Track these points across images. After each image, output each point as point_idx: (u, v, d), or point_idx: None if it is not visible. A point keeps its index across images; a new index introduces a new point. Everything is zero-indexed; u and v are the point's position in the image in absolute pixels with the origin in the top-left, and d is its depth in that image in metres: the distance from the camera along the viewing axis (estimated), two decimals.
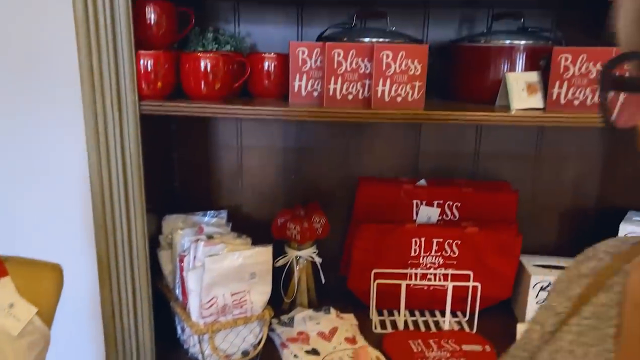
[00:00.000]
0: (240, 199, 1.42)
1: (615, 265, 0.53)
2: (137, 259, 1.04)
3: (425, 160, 1.41)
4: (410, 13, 1.29)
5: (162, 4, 1.03)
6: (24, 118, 1.32)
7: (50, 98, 1.30)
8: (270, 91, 1.11)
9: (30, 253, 0.85)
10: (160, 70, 1.00)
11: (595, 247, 0.57)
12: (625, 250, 0.54)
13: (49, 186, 1.37)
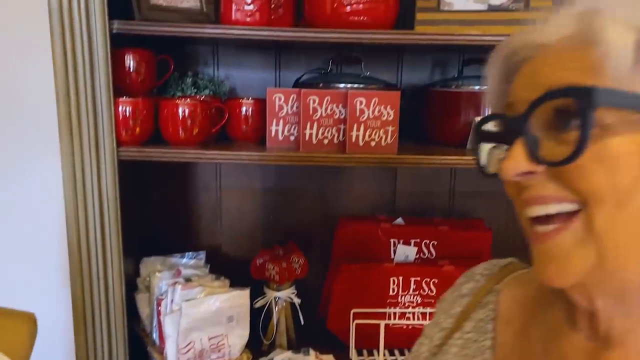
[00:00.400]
0: (219, 239, 1.43)
1: (489, 285, 0.62)
2: (113, 304, 1.04)
3: (402, 199, 1.43)
4: (384, 58, 1.34)
5: (141, 52, 1.06)
6: (1, 163, 1.32)
7: (28, 143, 1.31)
8: (248, 135, 1.14)
9: (5, 299, 0.85)
10: (139, 117, 1.02)
11: (472, 270, 0.66)
12: (496, 272, 0.64)
13: (26, 231, 1.36)
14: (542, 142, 0.45)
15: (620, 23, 0.42)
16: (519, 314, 0.58)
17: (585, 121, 0.41)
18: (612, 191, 0.42)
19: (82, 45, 0.92)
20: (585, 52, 0.43)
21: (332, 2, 1.04)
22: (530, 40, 0.47)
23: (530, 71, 0.47)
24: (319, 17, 1.07)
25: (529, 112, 0.44)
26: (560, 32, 0.45)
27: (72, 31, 0.92)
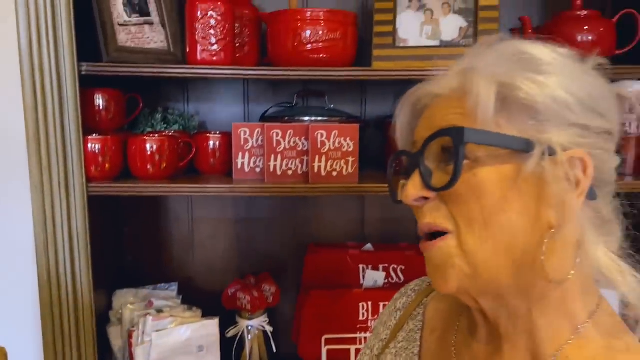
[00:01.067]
0: (191, 270, 1.45)
1: (418, 299, 0.72)
2: (84, 338, 1.05)
3: (370, 226, 1.48)
4: (349, 92, 1.40)
5: (110, 92, 1.10)
6: None
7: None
8: (215, 168, 1.18)
9: None
10: (108, 154, 1.05)
11: (406, 287, 0.76)
12: (424, 287, 0.73)
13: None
14: (434, 173, 0.54)
15: (485, 78, 0.52)
16: (441, 323, 0.68)
17: (458, 154, 0.50)
18: (479, 214, 0.51)
19: (52, 85, 0.96)
20: (463, 101, 0.53)
21: (293, 41, 1.10)
22: (429, 91, 0.57)
23: (428, 115, 0.57)
24: (281, 55, 1.13)
25: (423, 148, 0.54)
26: (450, 85, 0.55)
27: (41, 72, 0.96)
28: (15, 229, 1.33)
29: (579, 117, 0.52)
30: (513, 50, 0.54)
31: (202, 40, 1.07)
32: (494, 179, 0.51)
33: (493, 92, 0.51)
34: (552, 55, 0.53)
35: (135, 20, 1.09)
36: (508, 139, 0.51)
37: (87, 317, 1.05)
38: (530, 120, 0.51)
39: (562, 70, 0.52)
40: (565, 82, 0.51)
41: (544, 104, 0.51)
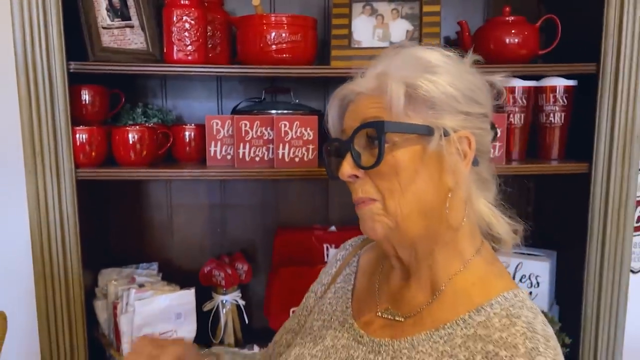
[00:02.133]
0: (170, 252, 1.58)
1: (354, 251, 0.93)
2: (74, 310, 1.18)
3: (334, 210, 1.63)
4: (312, 87, 1.55)
5: (95, 88, 1.23)
6: None
7: None
8: (191, 156, 1.31)
9: None
10: (94, 142, 1.18)
11: (345, 243, 0.97)
12: (359, 243, 0.95)
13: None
14: (362, 155, 0.71)
15: (396, 81, 0.68)
16: (369, 268, 0.88)
17: (380, 141, 0.68)
18: (398, 185, 0.69)
19: (44, 82, 1.09)
20: (381, 98, 0.69)
21: (259, 42, 1.24)
22: (352, 89, 0.74)
23: (354, 109, 0.73)
24: (249, 54, 1.27)
25: (353, 136, 0.71)
26: (368, 85, 0.72)
27: (34, 69, 1.08)
28: (11, 210, 1.45)
29: (463, 106, 0.70)
30: (413, 56, 0.72)
31: (177, 41, 1.20)
32: (407, 158, 0.69)
33: (402, 91, 0.68)
34: (441, 58, 0.71)
35: (117, 24, 1.22)
36: (415, 127, 0.69)
37: (76, 290, 1.17)
38: (430, 110, 0.69)
39: (449, 70, 0.70)
40: (452, 80, 0.69)
41: (438, 98, 0.68)
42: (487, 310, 0.70)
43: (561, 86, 1.29)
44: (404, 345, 0.73)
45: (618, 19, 1.19)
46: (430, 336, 0.71)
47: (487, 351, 0.65)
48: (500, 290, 0.71)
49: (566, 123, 1.31)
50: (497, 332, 0.67)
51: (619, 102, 1.22)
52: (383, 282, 0.83)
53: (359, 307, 0.83)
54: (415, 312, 0.75)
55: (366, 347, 0.76)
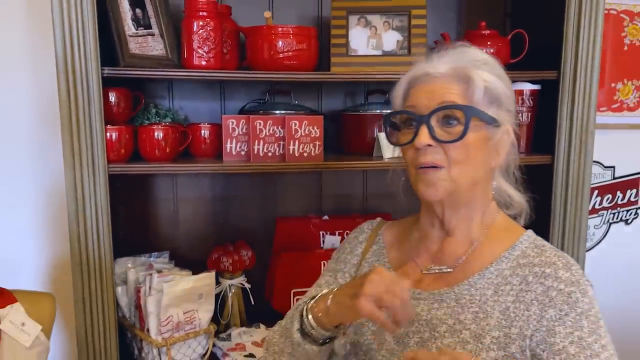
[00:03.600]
0: (178, 242, 1.70)
1: (375, 232, 1.08)
2: (106, 291, 1.29)
3: (326, 201, 1.79)
4: (308, 89, 1.71)
5: (120, 90, 1.34)
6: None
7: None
8: (207, 152, 1.45)
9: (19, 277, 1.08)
10: (123, 140, 1.30)
11: (360, 227, 1.11)
12: (375, 226, 1.09)
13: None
14: (436, 129, 0.86)
15: (477, 75, 0.86)
16: (397, 240, 1.05)
17: (467, 121, 0.84)
18: (464, 158, 0.86)
19: (82, 86, 1.20)
20: (458, 85, 0.86)
21: (268, 50, 1.39)
22: (424, 72, 0.89)
23: (428, 89, 0.88)
24: (258, 60, 1.41)
25: (432, 113, 0.86)
26: (441, 71, 0.88)
27: (73, 75, 1.19)
28: (53, 201, 1.58)
29: (510, 105, 0.91)
30: (482, 56, 0.90)
31: (197, 48, 1.33)
32: (476, 139, 0.86)
33: (482, 85, 0.85)
34: (490, 59, 0.91)
35: (140, 32, 1.34)
36: (488, 117, 0.87)
37: (108, 274, 1.29)
38: (495, 105, 0.88)
39: (500, 72, 0.90)
40: (508, 83, 0.90)
41: (503, 96, 0.88)
42: (519, 246, 0.92)
43: (527, 90, 1.51)
44: (463, 287, 0.89)
45: (576, 33, 1.42)
46: (483, 275, 0.89)
47: (534, 272, 0.87)
48: (520, 232, 0.94)
49: (532, 122, 1.53)
50: (535, 257, 0.89)
51: (577, 104, 1.44)
52: (418, 246, 0.99)
53: (402, 272, 0.97)
54: (461, 261, 0.93)
55: (427, 301, 0.91)
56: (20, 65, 1.54)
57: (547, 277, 0.85)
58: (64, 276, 1.59)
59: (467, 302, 0.88)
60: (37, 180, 1.59)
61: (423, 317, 0.90)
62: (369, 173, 1.79)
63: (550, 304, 0.83)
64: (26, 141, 1.57)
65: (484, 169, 0.90)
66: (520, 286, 0.86)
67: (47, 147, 1.57)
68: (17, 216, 1.59)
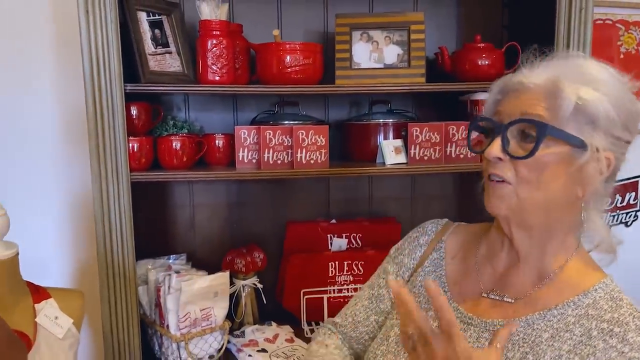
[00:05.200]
0: (194, 245, 1.80)
1: (438, 237, 1.00)
2: (130, 290, 1.40)
3: (334, 205, 1.89)
4: (315, 100, 1.81)
5: (141, 104, 1.46)
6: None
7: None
8: (221, 160, 1.56)
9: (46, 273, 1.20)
10: (144, 150, 1.41)
11: (424, 227, 1.02)
12: (440, 228, 1.01)
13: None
14: (511, 143, 0.78)
15: (569, 91, 0.74)
16: (460, 251, 0.96)
17: (538, 141, 0.74)
18: (535, 179, 0.77)
19: (107, 101, 1.31)
20: (547, 99, 0.76)
21: (277, 65, 1.49)
22: (518, 81, 0.80)
23: (514, 97, 0.80)
24: (268, 75, 1.52)
25: (508, 125, 0.77)
26: (536, 82, 0.78)
27: (100, 91, 1.30)
28: (79, 207, 1.71)
29: (617, 130, 0.76)
30: (587, 70, 0.77)
31: (211, 65, 1.44)
32: (553, 161, 0.76)
33: (573, 102, 0.74)
34: (611, 80, 0.77)
35: (159, 50, 1.45)
36: (573, 138, 0.75)
37: (131, 274, 1.39)
38: (588, 126, 0.75)
39: (616, 94, 0.76)
40: (616, 104, 0.75)
41: (601, 118, 0.74)
42: (593, 294, 0.80)
43: None
44: (521, 323, 0.81)
45: (566, 43, 1.50)
46: (544, 315, 0.80)
47: (601, 328, 0.76)
48: (599, 278, 0.82)
49: None
50: (608, 313, 0.78)
51: None
52: (484, 264, 0.90)
53: (458, 290, 0.90)
54: (525, 294, 0.83)
55: (478, 328, 0.83)
56: (49, 81, 1.66)
57: (614, 336, 0.76)
58: (90, 277, 1.70)
59: (519, 340, 0.81)
60: (64, 188, 1.71)
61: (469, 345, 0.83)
62: (374, 179, 1.88)
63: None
64: (55, 151, 1.70)
65: (564, 196, 0.79)
66: (581, 338, 0.78)
67: (73, 156, 1.70)
68: (47, 221, 1.72)
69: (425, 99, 1.84)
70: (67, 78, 1.65)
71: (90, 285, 1.53)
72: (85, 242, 1.73)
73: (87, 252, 1.74)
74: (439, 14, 1.80)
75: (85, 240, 1.73)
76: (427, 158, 1.56)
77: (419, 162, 1.56)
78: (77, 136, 1.68)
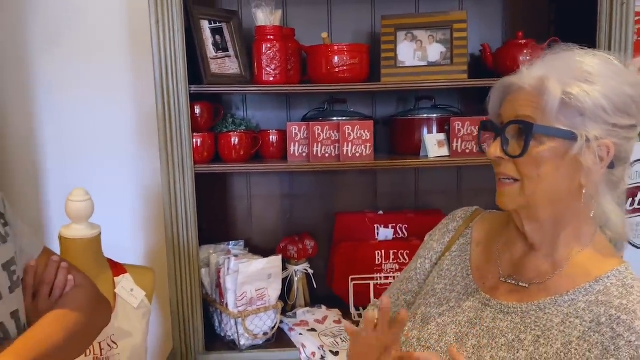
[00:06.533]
0: (251, 233, 1.95)
1: (466, 224, 1.06)
2: (194, 272, 1.56)
3: (381, 198, 1.98)
4: (363, 98, 1.91)
5: (203, 103, 1.62)
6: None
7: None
8: (274, 154, 1.70)
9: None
10: (206, 145, 1.57)
11: (454, 214, 1.09)
12: (469, 215, 1.07)
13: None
14: (511, 143, 0.83)
15: (554, 87, 0.78)
16: (484, 239, 1.01)
17: (527, 139, 0.80)
18: (536, 174, 0.82)
19: (174, 101, 1.47)
20: (538, 98, 0.80)
21: (326, 65, 1.61)
22: (515, 82, 0.84)
23: (512, 100, 0.85)
24: (317, 74, 1.64)
25: (506, 126, 0.84)
26: (529, 82, 0.82)
27: (168, 92, 1.47)
28: (149, 197, 1.91)
29: (611, 117, 0.78)
30: (574, 62, 0.80)
31: (266, 67, 1.58)
32: (549, 155, 0.80)
33: (558, 98, 0.78)
34: (601, 68, 0.79)
35: (219, 55, 1.60)
36: (561, 132, 0.78)
37: (194, 256, 1.56)
38: (579, 118, 0.78)
39: (607, 81, 0.78)
40: (607, 92, 0.78)
41: (589, 108, 0.77)
42: (605, 281, 0.84)
43: None
44: (532, 307, 0.86)
45: (607, 39, 1.52)
46: (555, 301, 0.85)
47: (610, 314, 0.80)
48: (613, 265, 0.85)
49: None
50: (617, 299, 0.81)
51: None
52: (504, 251, 0.95)
53: (480, 274, 0.96)
54: (539, 280, 0.89)
55: (494, 309, 0.90)
56: (123, 84, 1.87)
57: (621, 323, 0.79)
58: (158, 259, 1.89)
59: (531, 322, 0.86)
60: (136, 180, 1.92)
61: (485, 324, 0.90)
62: (420, 173, 1.96)
63: (614, 353, 0.78)
64: (127, 148, 1.90)
65: (567, 187, 0.83)
66: (591, 324, 0.82)
67: (143, 152, 1.89)
68: (122, 209, 1.93)
69: (470, 94, 1.89)
70: (139, 82, 1.85)
71: (159, 266, 1.71)
72: (154, 227, 1.92)
73: (155, 237, 1.93)
74: (484, 11, 1.85)
75: (154, 226, 1.92)
76: (469, 151, 1.63)
77: (461, 154, 1.63)
78: (147, 134, 1.87)
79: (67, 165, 1.91)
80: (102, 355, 1.23)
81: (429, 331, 0.94)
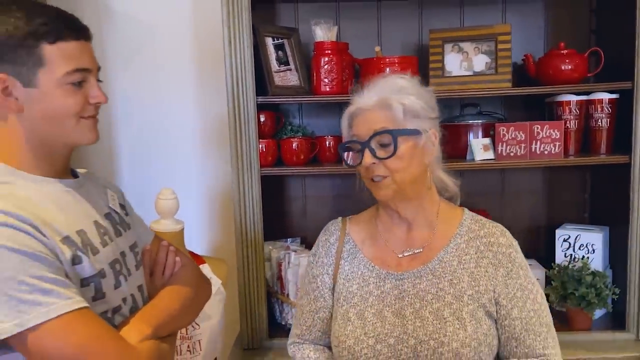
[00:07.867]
0: (306, 231, 2.11)
1: (342, 232, 1.29)
2: (260, 263, 1.72)
3: None
4: None
5: (267, 112, 1.79)
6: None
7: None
8: (329, 158, 1.85)
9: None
10: (270, 150, 1.74)
11: (326, 229, 1.32)
12: (340, 225, 1.30)
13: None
14: (376, 150, 1.10)
15: (395, 101, 1.10)
16: (365, 234, 1.25)
17: (395, 141, 1.08)
18: (401, 167, 1.10)
19: (243, 110, 1.65)
20: (384, 112, 1.11)
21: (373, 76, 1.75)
22: (358, 108, 1.15)
23: (363, 120, 1.13)
24: None
25: (370, 139, 1.10)
26: (370, 103, 1.12)
27: (238, 102, 1.65)
28: (217, 197, 2.11)
29: (428, 113, 1.14)
30: (395, 83, 1.13)
31: (323, 79, 1.74)
32: (408, 150, 1.10)
33: (401, 108, 1.09)
34: (409, 84, 1.14)
35: (282, 68, 1.77)
36: (413, 131, 1.10)
37: (259, 251, 1.72)
38: (416, 118, 1.11)
39: (416, 91, 1.13)
40: (419, 97, 1.13)
41: (418, 110, 1.11)
42: (465, 223, 1.20)
43: (606, 99, 1.73)
44: (434, 263, 1.15)
45: None
46: (446, 250, 1.16)
47: (483, 242, 1.16)
48: (460, 212, 1.22)
49: (611, 126, 1.74)
50: (479, 230, 1.18)
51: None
52: (388, 236, 1.21)
53: (381, 261, 1.19)
54: (427, 243, 1.18)
55: (410, 279, 1.15)
56: (195, 93, 2.07)
57: (492, 244, 1.16)
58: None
59: (441, 273, 1.14)
60: (207, 181, 2.11)
61: (410, 292, 1.14)
62: (465, 175, 2.07)
63: (500, 264, 1.14)
64: (199, 152, 2.10)
65: (419, 168, 1.13)
66: (477, 254, 1.15)
67: (212, 156, 2.08)
68: (196, 207, 2.14)
69: (514, 102, 2.00)
70: (208, 93, 2.04)
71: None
72: (223, 224, 2.10)
73: (223, 234, 2.11)
74: (527, 21, 1.96)
75: (224, 223, 2.10)
76: (513, 154, 1.74)
77: (506, 158, 1.74)
78: (217, 140, 2.06)
79: (143, 168, 2.12)
80: (187, 334, 1.41)
81: (371, 323, 1.13)
